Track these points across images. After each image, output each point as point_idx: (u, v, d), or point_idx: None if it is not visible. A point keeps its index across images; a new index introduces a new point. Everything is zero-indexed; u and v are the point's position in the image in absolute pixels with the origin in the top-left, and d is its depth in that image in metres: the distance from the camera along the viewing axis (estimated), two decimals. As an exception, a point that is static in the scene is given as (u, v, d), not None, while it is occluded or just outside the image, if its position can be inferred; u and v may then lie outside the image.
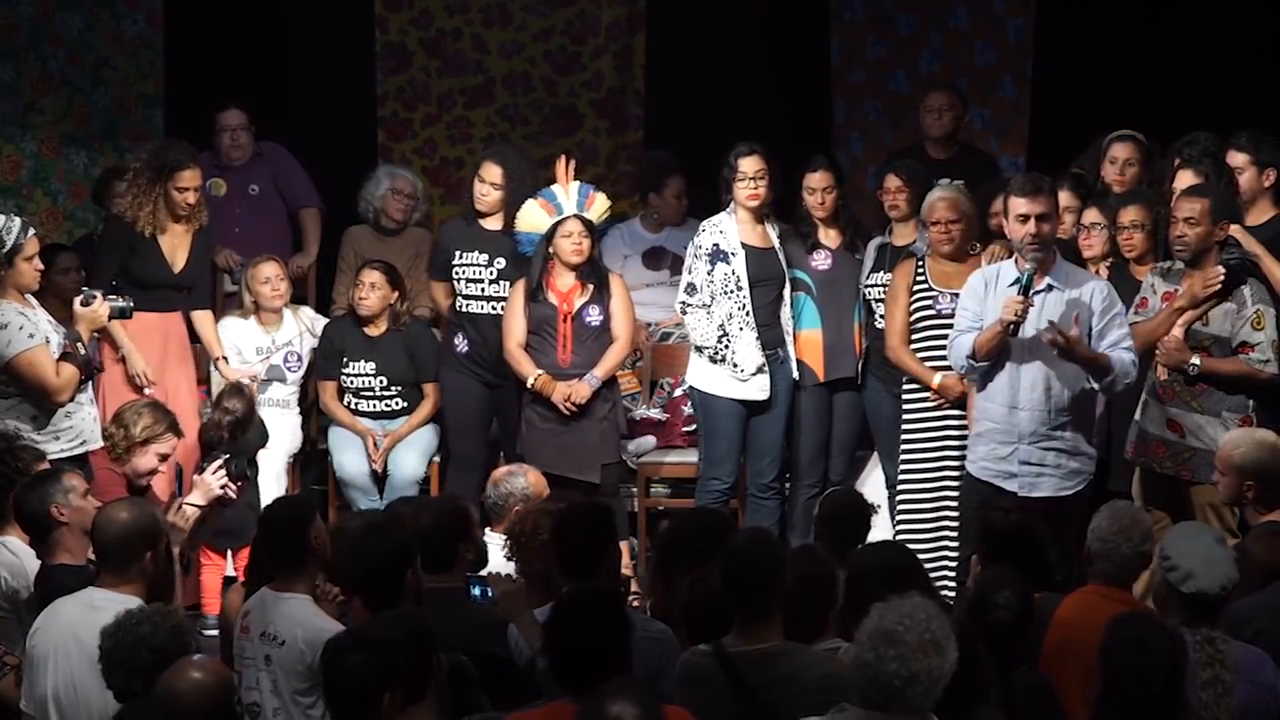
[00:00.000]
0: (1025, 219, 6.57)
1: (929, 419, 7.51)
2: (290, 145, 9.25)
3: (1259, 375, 6.78)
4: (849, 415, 7.98)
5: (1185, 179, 7.21)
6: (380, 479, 8.18)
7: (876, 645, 4.01)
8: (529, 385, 7.71)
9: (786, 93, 9.74)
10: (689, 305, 7.85)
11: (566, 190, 7.80)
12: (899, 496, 7.54)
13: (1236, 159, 7.24)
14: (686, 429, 8.50)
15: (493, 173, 8.01)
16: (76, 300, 7.06)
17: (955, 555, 7.12)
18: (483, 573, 5.66)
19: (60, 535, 5.68)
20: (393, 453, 8.18)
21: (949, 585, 7.04)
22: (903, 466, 7.54)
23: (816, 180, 7.88)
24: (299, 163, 9.22)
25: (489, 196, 8.01)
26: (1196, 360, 6.78)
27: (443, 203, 9.71)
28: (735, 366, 7.76)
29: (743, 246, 7.79)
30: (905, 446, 7.55)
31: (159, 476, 7.03)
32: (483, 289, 7.99)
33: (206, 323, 8.12)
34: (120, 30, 9.78)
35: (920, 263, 7.56)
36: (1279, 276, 6.96)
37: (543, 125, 10.04)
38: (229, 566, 7.55)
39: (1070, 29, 9.52)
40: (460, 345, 8.04)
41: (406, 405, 8.28)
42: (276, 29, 9.77)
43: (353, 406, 8.28)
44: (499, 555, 5.89)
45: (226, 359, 8.07)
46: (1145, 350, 6.81)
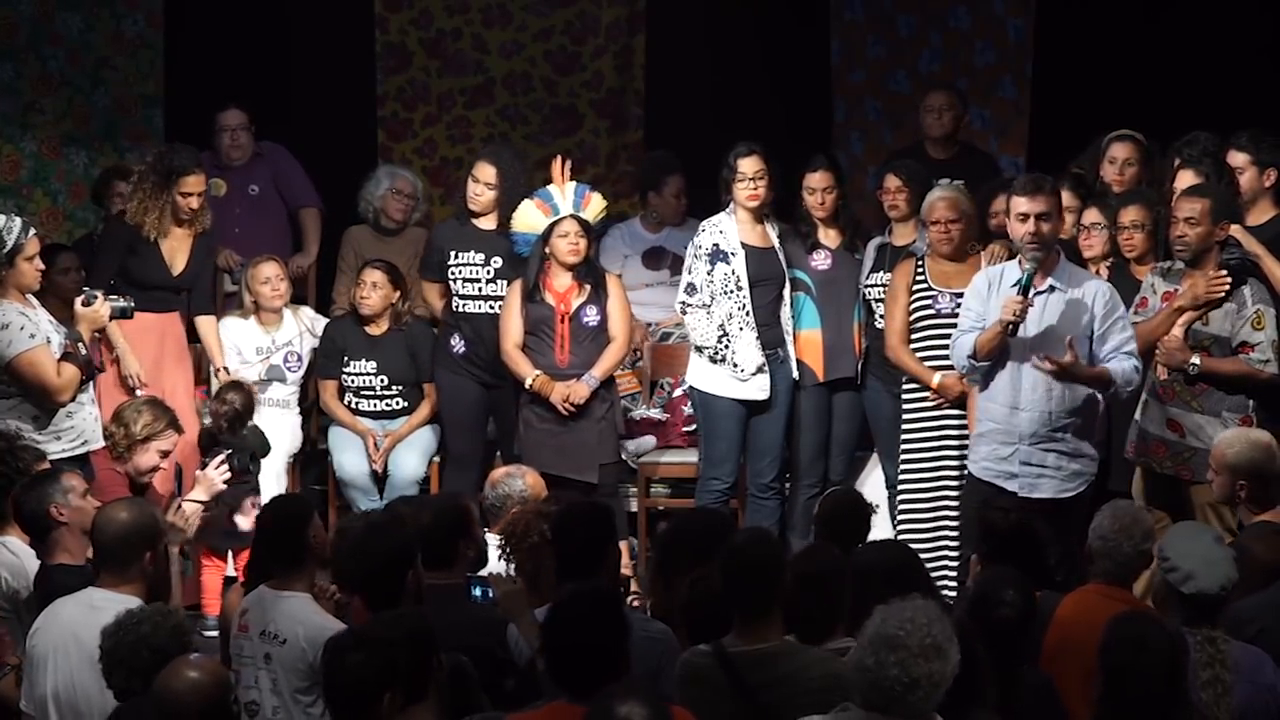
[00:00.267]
0: (1025, 218, 6.56)
1: (929, 419, 7.51)
2: (290, 145, 9.25)
3: (1259, 375, 6.77)
4: (849, 415, 7.97)
5: (1185, 179, 7.21)
6: (380, 479, 8.18)
7: (878, 650, 4.00)
8: (527, 385, 7.70)
9: (786, 93, 9.74)
10: (689, 305, 7.85)
11: (563, 190, 7.79)
12: (899, 496, 7.55)
13: (1237, 159, 7.23)
14: (686, 429, 8.49)
15: (487, 172, 8.00)
16: (78, 300, 7.04)
17: (955, 555, 7.12)
18: (483, 573, 5.66)
19: (60, 535, 5.69)
20: (393, 453, 8.18)
21: (949, 585, 7.05)
22: (902, 466, 7.55)
23: (816, 180, 7.88)
24: (299, 163, 9.22)
25: (483, 196, 8.00)
26: (1196, 360, 6.78)
27: (443, 203, 9.69)
28: (735, 366, 7.76)
29: (743, 246, 7.79)
30: (905, 446, 7.55)
31: (159, 474, 7.04)
32: (479, 289, 7.98)
33: (209, 329, 8.12)
34: (120, 30, 9.78)
35: (920, 263, 7.56)
36: (1279, 276, 6.97)
37: (543, 125, 10.03)
38: (230, 567, 7.55)
39: (1070, 29, 9.52)
40: (457, 345, 8.03)
41: (407, 405, 8.28)
42: (276, 29, 9.76)
43: (353, 406, 8.28)
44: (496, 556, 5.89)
45: (228, 369, 8.05)
46: (1145, 350, 6.81)
